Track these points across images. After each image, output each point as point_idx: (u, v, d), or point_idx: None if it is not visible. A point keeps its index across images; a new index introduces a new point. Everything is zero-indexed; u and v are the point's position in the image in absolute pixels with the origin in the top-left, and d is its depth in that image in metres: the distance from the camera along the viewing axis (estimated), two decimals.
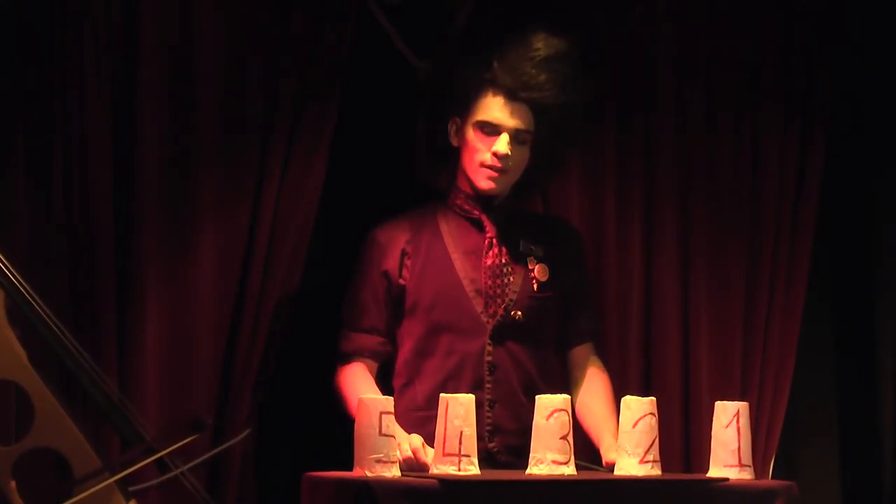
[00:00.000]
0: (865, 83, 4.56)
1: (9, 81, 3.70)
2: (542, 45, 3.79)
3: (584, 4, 4.26)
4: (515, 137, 3.79)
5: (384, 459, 3.28)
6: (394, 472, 3.30)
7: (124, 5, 3.78)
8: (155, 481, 3.47)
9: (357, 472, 3.32)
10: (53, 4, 3.72)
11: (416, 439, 3.58)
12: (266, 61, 3.91)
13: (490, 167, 3.79)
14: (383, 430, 3.29)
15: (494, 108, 3.79)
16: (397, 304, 3.84)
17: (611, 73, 4.28)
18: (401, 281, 3.82)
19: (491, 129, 3.79)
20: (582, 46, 3.91)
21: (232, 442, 3.66)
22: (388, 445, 3.29)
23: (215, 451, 3.60)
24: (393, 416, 3.35)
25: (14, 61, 3.71)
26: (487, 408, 3.78)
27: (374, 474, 3.26)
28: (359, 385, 3.75)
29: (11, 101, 3.70)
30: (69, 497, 3.22)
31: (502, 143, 3.77)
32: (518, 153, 3.81)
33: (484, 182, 3.81)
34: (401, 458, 3.47)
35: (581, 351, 3.98)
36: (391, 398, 3.40)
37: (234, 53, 3.88)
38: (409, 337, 3.83)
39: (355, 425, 3.35)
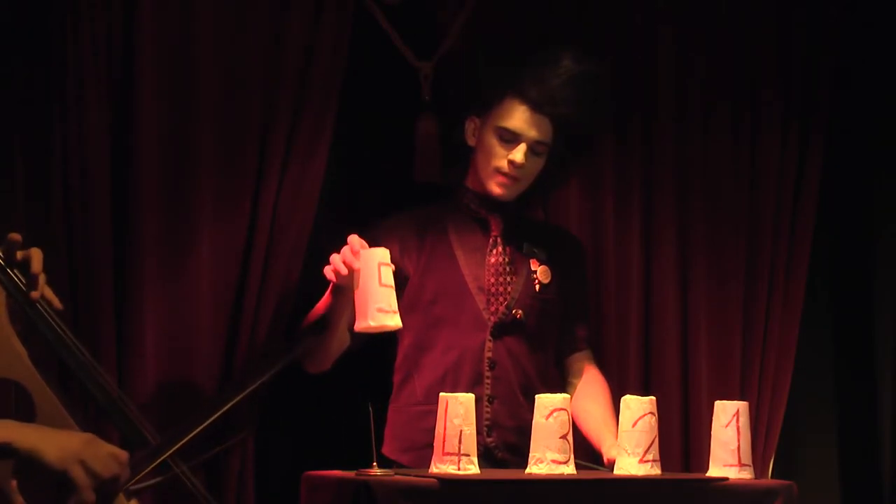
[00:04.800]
0: (864, 84, 4.56)
1: (8, 82, 3.70)
2: (571, 62, 3.82)
3: (584, 8, 4.27)
4: (533, 148, 3.81)
5: (385, 308, 3.32)
6: (395, 321, 3.39)
7: (124, 6, 3.78)
8: (155, 480, 3.47)
9: (360, 325, 3.40)
10: (53, 5, 3.73)
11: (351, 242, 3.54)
12: (265, 61, 3.91)
13: (505, 174, 3.81)
14: (383, 280, 3.33)
15: (517, 116, 3.80)
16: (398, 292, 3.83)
17: (610, 76, 4.28)
18: (404, 267, 3.81)
19: (511, 137, 3.80)
20: (606, 72, 3.94)
21: (232, 441, 3.66)
22: (388, 296, 3.34)
23: (215, 450, 3.60)
24: (391, 268, 3.40)
25: (13, 62, 3.71)
26: (486, 403, 3.80)
27: (377, 324, 3.34)
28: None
29: (10, 102, 3.70)
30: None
31: (519, 153, 3.79)
32: (532, 164, 3.83)
33: (495, 187, 3.83)
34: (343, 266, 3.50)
35: (578, 358, 4.00)
36: (387, 250, 3.46)
37: (234, 53, 3.88)
38: (409, 331, 3.83)
39: (355, 278, 3.40)
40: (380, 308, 3.36)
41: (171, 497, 3.67)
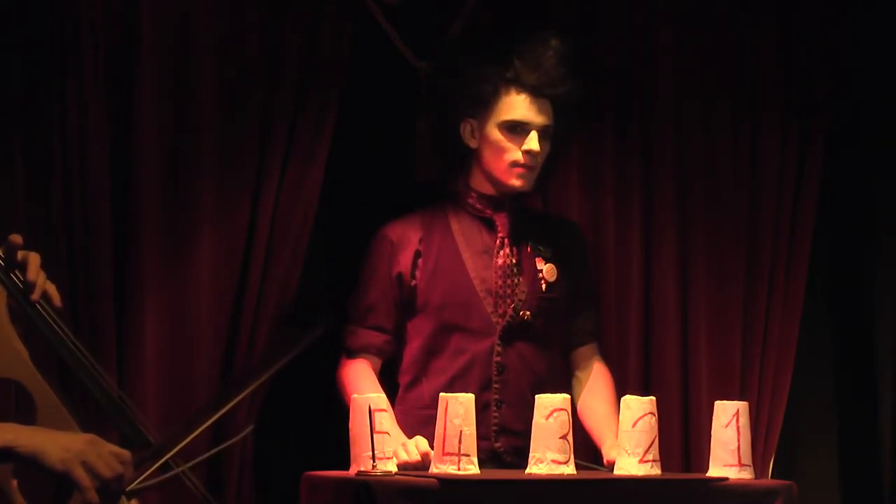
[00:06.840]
0: (864, 84, 4.56)
1: (7, 82, 3.70)
2: (556, 41, 3.83)
3: (584, 7, 4.27)
4: (543, 134, 3.82)
5: (378, 456, 3.29)
6: (389, 466, 3.31)
7: (124, 6, 3.78)
8: (155, 480, 3.47)
9: (353, 470, 3.33)
10: (53, 5, 3.72)
11: (423, 443, 3.58)
12: (265, 61, 3.91)
13: (522, 165, 3.81)
14: (376, 428, 3.30)
15: (520, 106, 3.80)
16: (408, 303, 3.84)
17: (610, 76, 4.28)
18: (413, 282, 3.83)
19: (520, 128, 3.80)
20: (582, 45, 3.93)
21: (232, 441, 3.66)
22: (381, 442, 3.31)
23: (215, 450, 3.59)
24: (386, 414, 3.38)
25: (13, 62, 3.71)
26: (494, 408, 3.79)
27: (368, 471, 3.27)
28: (363, 384, 3.75)
29: (10, 101, 3.70)
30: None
31: (534, 142, 3.80)
32: (544, 149, 3.84)
33: (515, 180, 3.82)
34: (406, 460, 3.49)
35: (584, 351, 3.99)
36: (384, 396, 3.43)
37: (234, 53, 3.88)
38: (419, 335, 3.84)
39: (349, 424, 3.37)
40: (372, 457, 3.31)
41: (171, 496, 3.67)
